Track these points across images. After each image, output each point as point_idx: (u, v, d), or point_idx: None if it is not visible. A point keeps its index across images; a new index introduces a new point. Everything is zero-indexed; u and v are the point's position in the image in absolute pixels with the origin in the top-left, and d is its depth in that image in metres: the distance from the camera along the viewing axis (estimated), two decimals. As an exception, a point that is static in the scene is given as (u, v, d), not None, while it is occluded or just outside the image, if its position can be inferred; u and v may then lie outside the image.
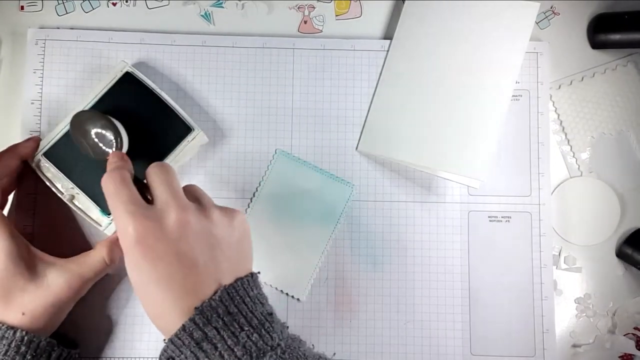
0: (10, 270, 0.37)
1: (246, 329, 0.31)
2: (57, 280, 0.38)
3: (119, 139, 0.39)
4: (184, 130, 0.43)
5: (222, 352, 0.30)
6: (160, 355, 0.32)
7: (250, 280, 0.34)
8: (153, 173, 0.35)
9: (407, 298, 0.46)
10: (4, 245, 0.37)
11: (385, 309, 0.46)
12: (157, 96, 0.43)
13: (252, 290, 0.33)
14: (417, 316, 0.46)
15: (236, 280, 0.33)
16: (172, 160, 0.43)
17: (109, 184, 0.34)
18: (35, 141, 0.43)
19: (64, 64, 0.47)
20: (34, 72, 0.46)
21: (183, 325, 0.31)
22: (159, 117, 0.43)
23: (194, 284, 0.32)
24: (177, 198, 0.34)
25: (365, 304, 0.46)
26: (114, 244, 0.41)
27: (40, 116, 0.46)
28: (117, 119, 0.42)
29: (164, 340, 0.32)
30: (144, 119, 0.43)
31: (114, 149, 0.39)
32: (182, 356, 0.31)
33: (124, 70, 0.43)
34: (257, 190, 0.46)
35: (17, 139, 0.46)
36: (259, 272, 0.36)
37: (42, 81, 0.46)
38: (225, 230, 0.34)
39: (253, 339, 0.31)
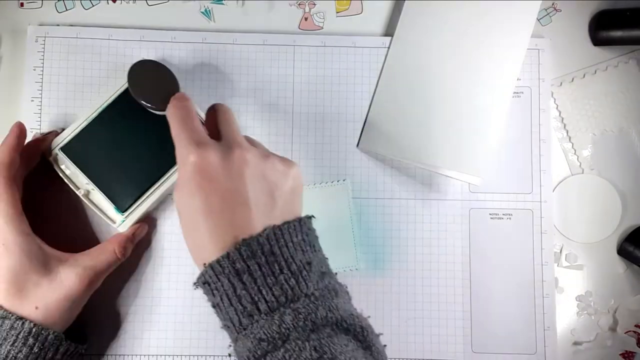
0: (24, 265, 0.38)
1: (285, 272, 0.31)
2: (70, 274, 0.39)
3: (178, 86, 0.40)
4: None
5: (261, 287, 0.30)
6: (196, 279, 0.33)
7: (297, 225, 0.34)
8: (221, 111, 0.36)
9: (408, 296, 0.46)
10: (18, 241, 0.38)
11: (386, 306, 0.46)
12: None
13: (297, 236, 0.33)
14: (418, 314, 0.46)
15: (283, 224, 0.33)
16: None
17: (176, 111, 0.35)
18: (57, 134, 0.43)
19: (64, 61, 0.46)
20: (34, 70, 0.46)
21: (227, 253, 0.31)
22: None
23: (243, 221, 0.32)
24: (241, 138, 0.35)
25: (366, 301, 0.46)
26: (128, 239, 0.43)
27: (40, 113, 0.46)
28: (135, 116, 0.43)
29: (204, 264, 0.32)
30: (160, 117, 0.43)
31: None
32: (219, 284, 0.31)
33: None
34: None
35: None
36: (312, 216, 0.36)
37: (42, 78, 0.46)
38: (280, 177, 0.34)
39: (290, 283, 0.31)
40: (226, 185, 0.32)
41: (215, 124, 0.36)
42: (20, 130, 0.41)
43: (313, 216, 0.36)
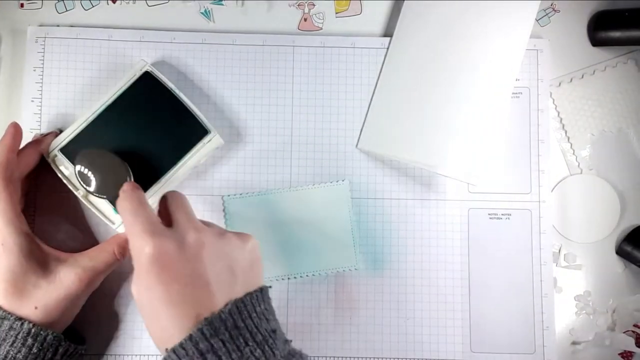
0: (23, 266, 0.38)
1: (250, 344, 0.31)
2: (69, 274, 0.39)
3: (128, 177, 0.40)
4: (201, 132, 0.43)
5: None
6: None
7: (259, 295, 0.34)
8: (170, 197, 0.36)
9: (407, 296, 0.46)
10: (17, 241, 0.38)
11: (385, 306, 0.46)
12: (175, 97, 0.43)
13: (260, 306, 0.33)
14: (417, 314, 0.46)
15: (245, 295, 0.33)
16: (186, 161, 0.43)
17: (126, 202, 0.35)
18: (56, 135, 0.43)
19: (64, 61, 0.47)
20: (34, 70, 0.46)
21: (190, 335, 0.30)
22: (176, 117, 0.43)
23: (205, 302, 0.32)
24: (195, 221, 0.35)
25: (365, 301, 0.46)
26: (127, 240, 0.42)
27: (40, 114, 0.46)
28: (134, 118, 0.43)
29: (166, 350, 0.31)
30: (161, 119, 0.43)
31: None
32: None
33: (144, 70, 0.43)
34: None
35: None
36: (269, 287, 0.36)
37: (42, 79, 0.46)
38: (238, 252, 0.35)
39: (256, 354, 0.31)
40: (185, 272, 0.32)
41: (168, 212, 0.36)
42: (16, 130, 0.41)
43: (270, 286, 0.36)
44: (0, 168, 0.39)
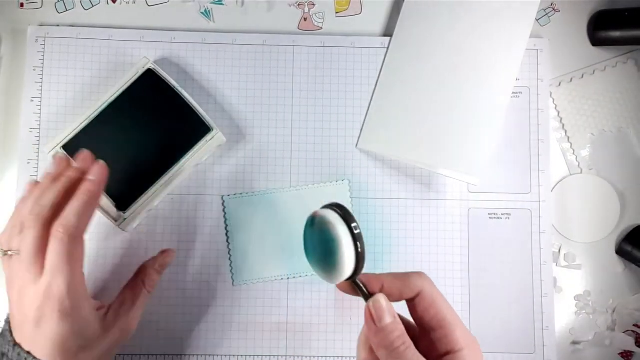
0: (75, 332, 0.36)
1: None
2: (114, 331, 0.39)
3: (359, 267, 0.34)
4: (203, 129, 0.44)
5: None
6: None
7: None
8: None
9: (407, 295, 0.46)
10: (77, 308, 0.36)
11: (385, 306, 0.46)
12: (178, 94, 0.43)
13: None
14: (417, 313, 0.46)
15: None
16: (189, 158, 0.43)
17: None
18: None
19: (64, 61, 0.47)
20: (34, 70, 0.46)
21: None
22: (179, 115, 0.44)
23: None
24: None
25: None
26: (155, 271, 0.42)
27: (40, 114, 0.46)
28: (137, 115, 0.43)
29: None
30: (163, 116, 0.44)
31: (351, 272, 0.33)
32: None
33: (146, 67, 0.44)
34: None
35: (17, 136, 0.46)
36: None
37: (42, 79, 0.46)
38: None
39: None
40: None
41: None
42: (103, 171, 0.38)
43: None
44: (80, 231, 0.36)
